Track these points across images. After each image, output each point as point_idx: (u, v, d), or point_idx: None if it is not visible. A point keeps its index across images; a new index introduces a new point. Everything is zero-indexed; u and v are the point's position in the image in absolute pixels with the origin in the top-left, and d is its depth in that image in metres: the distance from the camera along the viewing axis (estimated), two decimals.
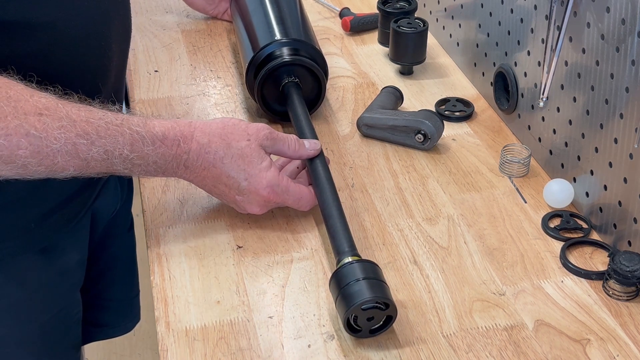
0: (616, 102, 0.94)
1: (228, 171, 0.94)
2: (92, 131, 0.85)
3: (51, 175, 0.85)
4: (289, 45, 1.18)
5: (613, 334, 0.87)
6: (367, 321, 0.85)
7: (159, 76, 1.34)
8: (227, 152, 0.94)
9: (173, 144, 0.91)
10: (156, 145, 0.90)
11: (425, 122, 1.13)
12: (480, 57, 1.28)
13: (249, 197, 0.96)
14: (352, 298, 0.84)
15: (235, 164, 0.94)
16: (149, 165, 0.91)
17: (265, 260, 0.96)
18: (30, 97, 0.82)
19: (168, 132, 0.91)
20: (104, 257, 1.19)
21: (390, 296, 0.85)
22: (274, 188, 0.96)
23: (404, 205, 1.05)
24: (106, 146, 0.86)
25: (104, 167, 0.88)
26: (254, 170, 0.95)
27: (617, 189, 0.96)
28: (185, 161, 0.92)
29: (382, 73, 1.35)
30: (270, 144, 0.98)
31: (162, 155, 0.91)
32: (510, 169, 1.11)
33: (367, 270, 0.86)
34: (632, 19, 0.88)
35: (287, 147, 1.00)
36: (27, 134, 0.81)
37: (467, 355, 0.84)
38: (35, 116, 0.82)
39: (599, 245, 0.99)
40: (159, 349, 0.85)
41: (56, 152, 0.83)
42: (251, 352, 0.85)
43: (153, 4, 1.57)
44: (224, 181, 0.95)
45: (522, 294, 0.92)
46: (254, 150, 0.95)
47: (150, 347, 2.18)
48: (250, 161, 0.95)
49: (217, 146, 0.94)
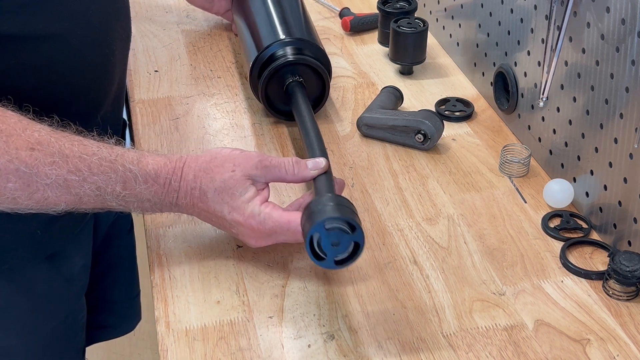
0: (616, 102, 0.94)
1: (214, 206, 0.90)
2: (84, 168, 0.84)
3: (42, 210, 0.85)
4: (293, 45, 1.18)
5: (613, 334, 0.87)
6: (332, 247, 0.80)
7: (159, 76, 1.34)
8: (209, 186, 0.90)
9: (165, 182, 0.89)
10: (149, 184, 0.88)
11: (425, 122, 1.13)
12: (480, 57, 1.28)
13: (239, 230, 0.91)
14: (314, 217, 0.80)
15: (219, 197, 0.90)
16: (143, 202, 0.89)
17: (265, 260, 0.96)
18: (23, 131, 0.82)
19: (160, 170, 0.89)
20: (105, 259, 1.19)
21: (357, 219, 0.81)
22: (256, 217, 0.89)
23: (404, 205, 1.05)
24: (98, 183, 0.85)
25: (97, 203, 0.87)
26: (236, 203, 0.89)
27: (617, 189, 0.96)
28: (177, 200, 0.90)
29: (382, 73, 1.35)
30: (261, 173, 0.91)
31: (155, 194, 0.89)
32: (510, 169, 1.11)
33: (334, 198, 0.84)
34: (632, 19, 0.88)
35: (285, 171, 0.93)
36: (17, 169, 0.81)
37: (467, 355, 0.84)
38: (27, 151, 0.81)
39: (599, 245, 0.99)
40: (159, 349, 0.85)
41: (47, 187, 0.82)
42: (251, 352, 0.85)
43: (153, 4, 1.57)
44: (212, 215, 0.91)
45: (522, 294, 0.92)
46: (238, 182, 0.90)
47: (150, 347, 2.18)
48: (233, 193, 0.89)
49: (201, 181, 0.90)
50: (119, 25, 0.99)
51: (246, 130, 1.20)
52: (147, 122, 1.21)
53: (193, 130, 1.20)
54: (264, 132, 1.19)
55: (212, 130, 1.20)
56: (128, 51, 1.06)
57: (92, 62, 0.93)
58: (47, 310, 1.03)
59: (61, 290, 1.04)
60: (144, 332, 2.19)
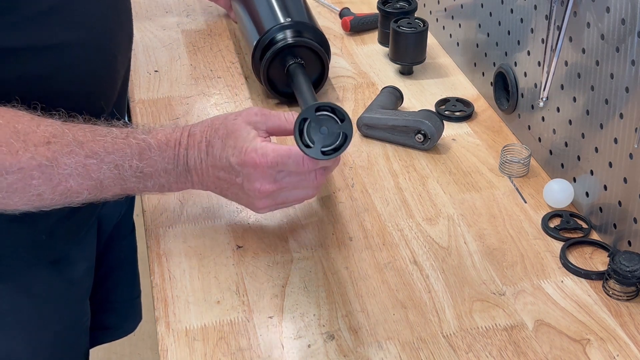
0: (616, 102, 0.94)
1: (219, 152, 0.91)
2: (99, 149, 0.86)
3: (67, 202, 0.86)
4: (293, 28, 1.23)
5: (613, 334, 0.87)
6: (320, 135, 0.83)
7: (159, 76, 1.34)
8: (214, 135, 0.92)
9: (175, 145, 0.91)
10: (162, 149, 0.90)
11: (425, 122, 1.13)
12: (480, 57, 1.28)
13: (244, 173, 0.90)
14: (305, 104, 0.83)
15: (222, 143, 0.92)
16: (160, 174, 0.90)
17: (265, 260, 0.96)
18: (37, 127, 0.83)
19: (170, 135, 0.92)
20: (108, 261, 1.19)
21: (344, 110, 0.83)
22: (258, 150, 0.89)
23: (404, 205, 1.05)
24: (116, 161, 0.87)
25: (118, 186, 0.88)
26: (239, 144, 0.91)
27: (617, 189, 0.96)
28: (187, 159, 0.92)
29: (382, 73, 1.35)
30: (261, 119, 0.93)
31: (170, 159, 0.91)
32: (510, 169, 1.11)
33: None
34: (632, 19, 0.88)
35: (284, 118, 0.94)
36: (39, 164, 0.82)
37: (467, 355, 0.84)
38: (44, 146, 0.82)
39: (599, 245, 0.99)
40: (159, 349, 0.85)
41: (68, 176, 0.84)
42: (251, 352, 0.85)
43: (153, 4, 1.57)
44: (219, 166, 0.92)
45: (522, 294, 0.92)
46: (240, 125, 0.92)
47: (150, 347, 2.18)
48: (236, 137, 0.91)
49: (206, 133, 0.93)
50: (121, 30, 0.99)
51: None
52: (147, 122, 1.21)
53: None
54: None
55: None
56: (130, 53, 1.06)
57: (96, 69, 0.94)
58: (51, 314, 1.03)
59: (65, 294, 1.04)
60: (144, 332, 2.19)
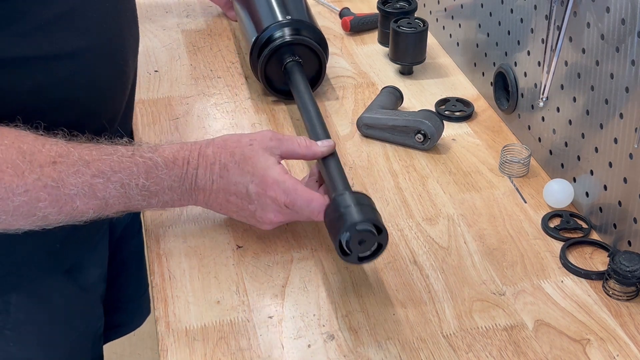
0: (616, 102, 0.94)
1: (234, 178, 0.91)
2: (106, 169, 0.85)
3: (71, 221, 0.85)
4: (291, 26, 1.23)
5: (613, 334, 0.87)
6: (358, 245, 0.86)
7: (159, 76, 1.34)
8: (230, 160, 0.92)
9: (184, 163, 0.90)
10: (169, 168, 0.89)
11: (425, 122, 1.13)
12: (480, 57, 1.28)
13: (260, 202, 0.91)
14: (346, 218, 0.86)
15: (239, 169, 0.91)
16: (165, 192, 0.90)
17: (265, 260, 0.96)
18: (42, 147, 0.82)
19: (177, 153, 0.91)
20: (117, 261, 1.19)
21: (381, 220, 0.88)
22: (280, 185, 0.90)
23: (404, 205, 1.05)
24: (122, 180, 0.86)
25: (122, 204, 0.88)
26: (259, 171, 0.91)
27: (617, 189, 0.96)
28: (196, 179, 0.91)
29: (382, 73, 1.35)
30: (276, 144, 0.94)
31: (176, 177, 0.90)
32: (510, 169, 1.11)
33: (360, 198, 0.89)
34: (632, 19, 0.88)
35: (297, 145, 0.96)
36: (45, 185, 0.81)
37: (467, 355, 0.84)
38: (50, 166, 0.82)
39: (599, 245, 0.99)
40: (159, 349, 0.85)
41: (74, 196, 0.83)
42: (251, 352, 0.85)
43: (153, 4, 1.57)
44: (233, 191, 0.92)
45: (522, 294, 0.92)
46: (257, 152, 0.92)
47: (150, 347, 2.18)
48: (254, 163, 0.91)
49: (220, 156, 0.92)
50: (130, 34, 0.99)
51: (246, 130, 1.20)
52: (147, 122, 1.21)
53: (193, 130, 1.20)
54: None
55: (212, 130, 1.20)
56: (137, 56, 1.06)
57: (108, 74, 0.94)
58: (67, 323, 1.03)
59: (79, 301, 1.04)
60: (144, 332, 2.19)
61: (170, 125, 1.21)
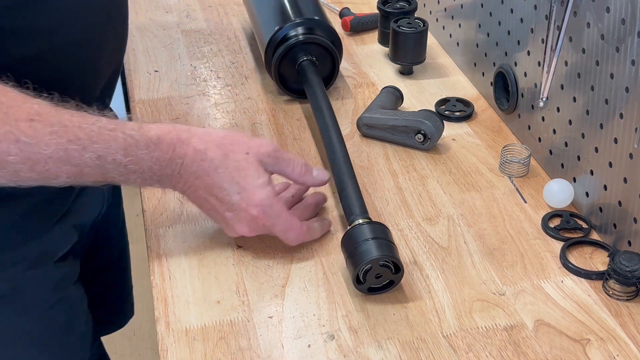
0: (616, 102, 0.94)
1: (221, 182, 0.89)
2: (84, 136, 0.83)
3: (44, 182, 0.84)
4: (305, 25, 1.24)
5: (613, 334, 0.87)
6: (374, 277, 0.89)
7: (159, 76, 1.34)
8: (222, 162, 0.89)
9: (169, 148, 0.87)
10: (150, 149, 0.86)
11: (425, 122, 1.13)
12: (480, 57, 1.28)
13: (239, 215, 0.90)
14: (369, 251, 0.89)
15: (230, 175, 0.89)
16: (145, 172, 0.87)
17: (265, 260, 0.96)
18: (23, 103, 0.81)
19: (164, 135, 0.88)
20: (98, 257, 1.19)
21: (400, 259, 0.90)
22: (265, 209, 0.90)
23: (404, 205, 1.05)
24: (99, 151, 0.83)
25: (98, 175, 0.85)
26: (248, 185, 0.89)
27: (617, 189, 0.96)
28: (180, 167, 0.88)
29: (382, 73, 1.35)
30: (272, 161, 0.92)
31: (157, 160, 0.87)
32: (510, 169, 1.11)
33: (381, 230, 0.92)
34: (632, 19, 0.88)
35: (292, 169, 0.94)
36: (17, 140, 0.80)
37: (467, 355, 0.84)
38: (27, 122, 0.80)
39: (599, 245, 0.99)
40: (159, 349, 0.85)
41: (47, 158, 0.81)
42: (251, 352, 0.85)
43: (153, 4, 1.57)
44: (215, 193, 0.90)
45: (522, 294, 0.92)
46: (252, 165, 0.90)
47: (150, 347, 2.18)
48: (246, 175, 0.89)
49: (213, 154, 0.89)
50: (110, 31, 0.97)
51: (246, 130, 1.20)
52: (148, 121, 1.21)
53: None
54: (264, 132, 1.19)
55: None
56: (121, 58, 1.04)
57: (77, 61, 0.92)
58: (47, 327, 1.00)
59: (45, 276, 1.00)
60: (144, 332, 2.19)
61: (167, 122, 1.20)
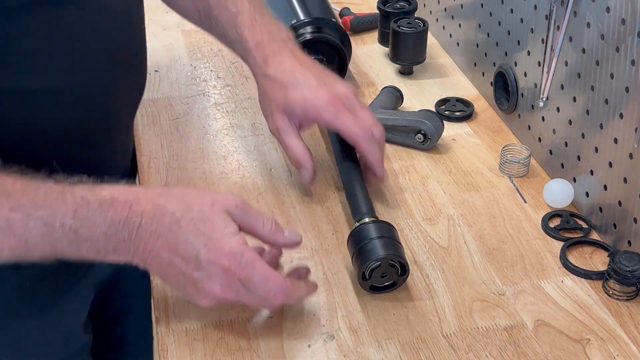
0: (616, 102, 0.94)
1: (185, 236, 0.78)
2: (27, 202, 0.74)
3: None
4: (313, 24, 1.25)
5: (613, 334, 0.87)
6: (380, 276, 0.89)
7: (159, 76, 1.34)
8: (185, 215, 0.79)
9: (124, 207, 0.77)
10: (103, 210, 0.76)
11: (425, 122, 1.13)
12: (480, 57, 1.28)
13: (208, 271, 0.79)
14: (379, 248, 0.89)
15: (195, 227, 0.78)
16: (98, 239, 0.77)
17: None
18: None
19: (118, 194, 0.78)
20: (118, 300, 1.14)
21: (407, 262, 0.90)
22: (237, 257, 0.78)
23: (404, 205, 1.05)
24: (44, 218, 0.75)
25: (47, 247, 0.76)
26: (216, 235, 0.79)
27: (617, 189, 0.96)
28: (138, 227, 0.77)
29: (382, 73, 1.35)
30: (240, 213, 0.82)
31: (112, 222, 0.76)
32: (510, 169, 1.11)
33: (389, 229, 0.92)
34: (632, 19, 0.88)
35: (262, 225, 0.83)
36: None
37: (467, 355, 0.84)
38: None
39: (599, 245, 0.99)
40: (159, 349, 0.85)
41: None
42: (251, 352, 0.85)
43: (153, 4, 1.56)
44: (180, 251, 0.78)
45: (522, 294, 0.92)
46: (217, 214, 0.80)
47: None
48: (212, 224, 0.79)
49: (174, 208, 0.79)
50: (125, 78, 0.92)
51: (246, 130, 1.20)
52: (147, 123, 1.21)
53: (193, 130, 1.20)
54: (264, 132, 1.19)
55: (212, 130, 1.20)
56: (138, 101, 0.99)
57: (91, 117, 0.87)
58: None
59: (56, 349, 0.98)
60: None
61: (170, 125, 1.21)
